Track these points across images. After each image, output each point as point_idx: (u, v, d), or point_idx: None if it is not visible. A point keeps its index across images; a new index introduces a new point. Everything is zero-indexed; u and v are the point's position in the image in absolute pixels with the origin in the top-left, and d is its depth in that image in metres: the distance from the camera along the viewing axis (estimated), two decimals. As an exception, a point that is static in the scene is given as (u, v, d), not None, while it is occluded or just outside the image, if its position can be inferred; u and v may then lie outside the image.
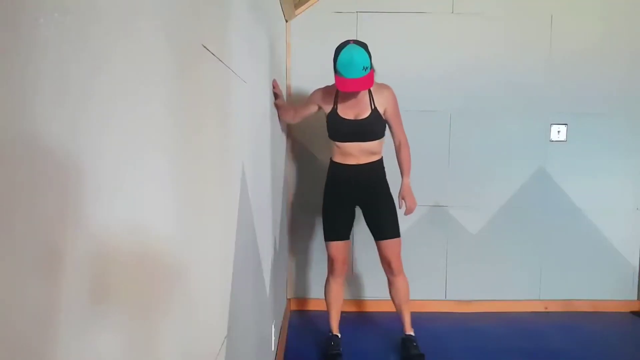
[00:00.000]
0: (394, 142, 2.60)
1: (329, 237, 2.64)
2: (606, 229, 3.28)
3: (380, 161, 2.59)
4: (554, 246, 3.29)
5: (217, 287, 1.15)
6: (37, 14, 0.44)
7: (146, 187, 0.70)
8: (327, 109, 2.55)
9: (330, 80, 3.17)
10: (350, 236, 3.27)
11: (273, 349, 2.33)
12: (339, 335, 2.74)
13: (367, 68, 2.31)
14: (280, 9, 2.73)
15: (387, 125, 2.56)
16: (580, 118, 3.21)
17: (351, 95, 2.46)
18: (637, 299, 3.33)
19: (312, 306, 3.29)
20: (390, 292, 2.71)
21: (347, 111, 2.50)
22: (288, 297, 3.29)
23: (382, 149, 2.59)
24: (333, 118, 2.52)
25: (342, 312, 2.79)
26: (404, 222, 2.74)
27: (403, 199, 2.56)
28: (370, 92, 2.49)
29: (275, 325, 2.40)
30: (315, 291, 3.30)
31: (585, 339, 2.90)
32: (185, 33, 0.88)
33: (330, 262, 2.67)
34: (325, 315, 2.79)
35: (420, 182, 2.78)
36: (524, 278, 3.31)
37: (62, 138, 0.48)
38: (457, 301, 3.30)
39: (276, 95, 2.49)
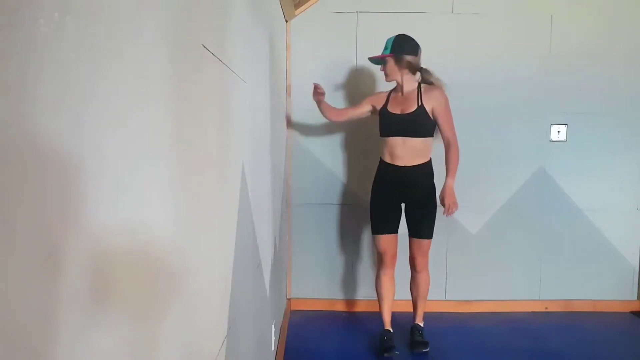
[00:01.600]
0: (443, 141, 2.64)
1: (378, 230, 2.71)
2: (606, 229, 3.28)
3: (428, 164, 2.64)
4: (554, 246, 3.29)
5: (217, 287, 1.15)
6: (37, 14, 0.44)
7: (146, 187, 0.70)
8: (379, 107, 2.73)
9: (329, 78, 3.19)
10: (356, 236, 3.27)
11: (273, 349, 2.33)
12: (392, 330, 2.76)
13: (387, 48, 2.63)
14: (280, 9, 2.73)
15: (436, 126, 2.63)
16: (580, 118, 3.21)
17: (399, 93, 2.68)
18: (637, 299, 3.33)
19: (312, 306, 3.29)
20: (410, 286, 2.83)
21: (395, 107, 2.66)
22: (288, 297, 3.29)
23: (429, 150, 2.64)
24: (383, 114, 2.69)
25: (342, 312, 2.79)
26: (404, 223, 2.75)
27: (442, 198, 2.60)
28: (419, 90, 2.63)
29: (275, 325, 2.40)
30: (315, 291, 3.30)
31: (585, 339, 2.90)
32: (185, 33, 0.88)
33: (380, 255, 2.75)
34: (325, 315, 2.79)
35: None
36: (524, 278, 3.31)
37: (63, 138, 0.48)
38: (457, 301, 3.30)
39: (320, 96, 2.78)
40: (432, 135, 2.63)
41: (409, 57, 2.59)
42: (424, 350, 2.67)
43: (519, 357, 2.66)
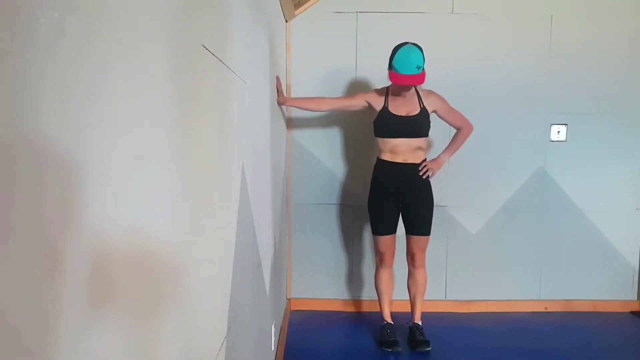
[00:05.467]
0: (457, 128, 2.79)
1: (379, 232, 2.78)
2: (606, 229, 3.28)
3: (425, 161, 2.75)
4: (554, 246, 3.29)
5: (217, 287, 1.15)
6: (37, 14, 0.44)
7: (147, 187, 0.70)
8: (378, 107, 2.71)
9: (330, 78, 3.19)
10: (356, 235, 3.28)
11: (273, 348, 2.33)
12: (392, 323, 2.83)
13: (420, 67, 2.52)
14: (280, 9, 2.73)
15: (445, 122, 2.80)
16: (580, 118, 3.21)
17: (401, 95, 2.66)
18: (637, 299, 3.33)
19: (312, 306, 3.28)
20: (408, 283, 2.86)
21: (399, 109, 2.68)
22: (288, 297, 3.29)
23: (427, 147, 2.79)
24: (384, 115, 2.69)
25: (342, 312, 2.80)
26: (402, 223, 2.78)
27: (428, 164, 2.71)
28: (418, 94, 2.70)
29: (275, 325, 2.40)
30: (315, 291, 3.30)
31: (585, 339, 2.90)
32: (185, 33, 0.88)
33: (380, 255, 2.83)
34: (325, 315, 2.80)
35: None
36: (524, 278, 3.31)
37: (63, 138, 0.48)
38: (457, 301, 3.30)
39: (278, 92, 2.54)
40: (428, 135, 2.74)
41: None
42: (427, 349, 2.68)
43: (519, 357, 2.66)
